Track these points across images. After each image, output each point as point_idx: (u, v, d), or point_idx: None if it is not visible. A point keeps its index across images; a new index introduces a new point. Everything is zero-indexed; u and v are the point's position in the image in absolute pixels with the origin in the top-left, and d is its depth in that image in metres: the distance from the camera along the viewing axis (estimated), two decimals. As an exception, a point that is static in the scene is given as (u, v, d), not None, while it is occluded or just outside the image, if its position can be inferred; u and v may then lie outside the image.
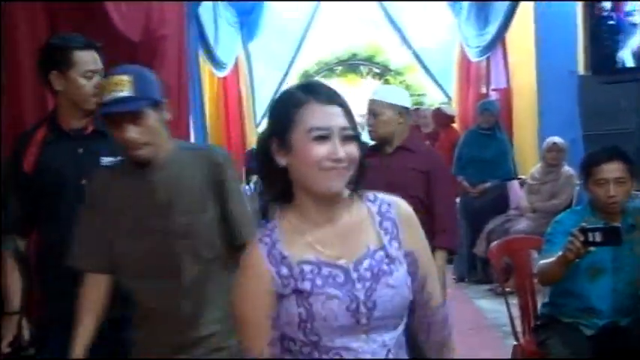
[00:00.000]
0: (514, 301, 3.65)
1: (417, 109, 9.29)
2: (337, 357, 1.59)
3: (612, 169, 3.04)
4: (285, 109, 1.62)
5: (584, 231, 2.79)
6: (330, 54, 13.15)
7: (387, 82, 12.62)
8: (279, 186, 1.66)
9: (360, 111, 4.41)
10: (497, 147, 7.07)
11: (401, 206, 1.73)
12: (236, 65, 10.21)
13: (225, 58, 9.16)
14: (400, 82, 12.99)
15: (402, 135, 3.57)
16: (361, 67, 13.36)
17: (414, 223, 1.73)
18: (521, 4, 7.72)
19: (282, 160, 1.62)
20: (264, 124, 11.23)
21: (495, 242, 3.75)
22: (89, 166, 2.55)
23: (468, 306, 6.25)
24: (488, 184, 6.91)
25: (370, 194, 1.72)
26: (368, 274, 1.62)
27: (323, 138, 1.58)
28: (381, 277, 1.62)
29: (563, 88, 7.01)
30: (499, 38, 8.44)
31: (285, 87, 12.22)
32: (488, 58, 9.22)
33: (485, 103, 7.75)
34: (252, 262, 1.64)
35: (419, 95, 12.74)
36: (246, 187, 8.90)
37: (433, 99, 11.96)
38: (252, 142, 11.28)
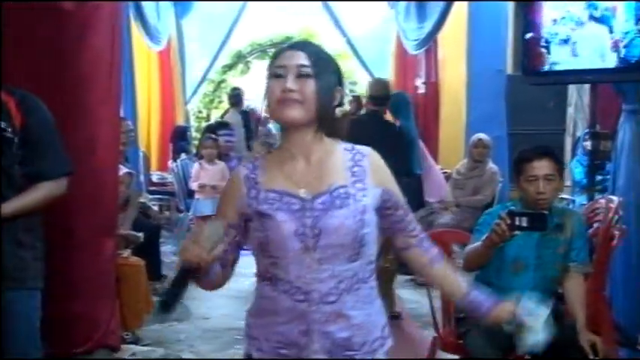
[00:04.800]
0: (435, 293, 3.70)
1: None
2: (288, 284, 1.84)
3: (542, 167, 3.13)
4: (269, 62, 1.91)
5: (511, 215, 2.86)
6: (265, 36, 13.07)
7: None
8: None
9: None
10: None
11: (373, 156, 1.98)
12: (169, 42, 10.06)
13: (162, 33, 9.05)
14: (332, 69, 13.03)
15: None
16: (295, 52, 13.33)
17: (385, 170, 1.99)
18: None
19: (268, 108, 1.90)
20: (193, 102, 11.24)
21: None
22: None
23: (389, 295, 6.32)
24: None
25: (348, 145, 1.98)
26: (320, 207, 1.86)
27: (279, 76, 1.84)
28: (329, 210, 1.85)
29: (492, 86, 7.14)
30: (436, 33, 8.54)
31: (217, 66, 12.24)
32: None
33: (397, 93, 7.90)
34: (235, 175, 1.97)
35: (350, 83, 12.83)
36: (173, 164, 8.76)
37: (364, 88, 12.02)
38: (179, 119, 11.15)
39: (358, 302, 1.88)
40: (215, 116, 12.54)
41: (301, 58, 1.86)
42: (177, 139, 10.69)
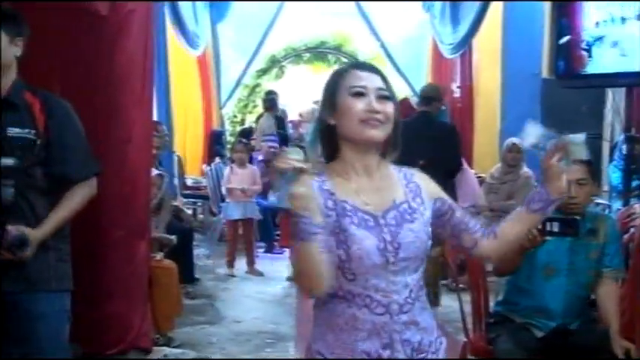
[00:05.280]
0: (467, 297, 3.67)
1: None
2: (368, 298, 1.88)
3: (574, 171, 3.07)
4: (333, 79, 1.99)
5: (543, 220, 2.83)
6: (299, 41, 13.10)
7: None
8: (328, 144, 2.00)
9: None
10: None
11: (420, 173, 2.09)
12: (205, 47, 10.15)
13: (201, 38, 9.15)
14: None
15: None
16: (329, 56, 13.33)
17: (432, 182, 2.09)
18: (490, 4, 7.77)
19: (331, 120, 1.96)
20: (228, 107, 11.32)
21: (452, 239, 3.76)
22: None
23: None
24: None
25: (393, 165, 2.05)
26: (393, 222, 1.93)
27: (360, 94, 1.92)
28: (403, 224, 1.93)
29: (526, 90, 7.08)
30: (471, 36, 8.48)
31: (251, 70, 12.31)
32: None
33: None
34: (309, 186, 1.87)
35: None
36: (207, 168, 8.83)
37: (399, 92, 11.99)
38: (214, 124, 11.23)
39: (422, 308, 1.97)
40: (249, 121, 12.61)
41: (379, 81, 1.96)
42: (213, 143, 10.80)
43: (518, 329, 3.18)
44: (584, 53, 4.33)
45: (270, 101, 10.17)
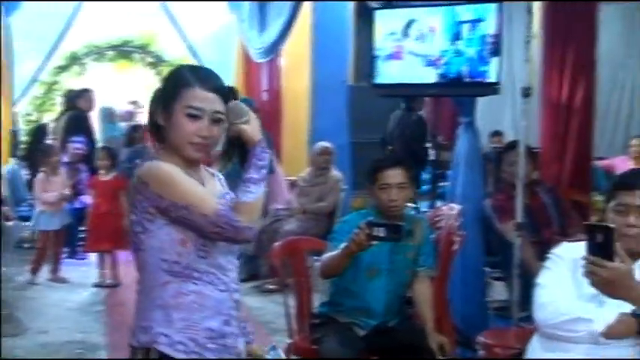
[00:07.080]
0: (281, 299, 3.74)
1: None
2: (213, 275, 1.99)
3: (395, 175, 3.25)
4: (174, 85, 2.00)
5: (369, 225, 2.96)
6: (102, 38, 12.64)
7: (159, 72, 12.34)
8: (158, 135, 2.04)
9: (129, 98, 4.30)
10: None
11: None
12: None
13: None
14: (173, 74, 12.83)
15: None
16: (134, 55, 12.95)
17: None
18: (300, 10, 7.92)
19: (161, 121, 2.01)
20: (22, 105, 10.55)
21: (278, 243, 3.83)
22: None
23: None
24: None
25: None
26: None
27: (195, 117, 1.95)
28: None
29: (335, 95, 7.30)
30: (281, 42, 8.54)
31: (49, 67, 11.68)
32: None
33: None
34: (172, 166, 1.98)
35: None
36: (3, 169, 8.26)
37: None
38: (8, 123, 10.49)
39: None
40: (47, 120, 11.94)
41: (217, 103, 1.98)
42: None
43: (342, 329, 3.29)
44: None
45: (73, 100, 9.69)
